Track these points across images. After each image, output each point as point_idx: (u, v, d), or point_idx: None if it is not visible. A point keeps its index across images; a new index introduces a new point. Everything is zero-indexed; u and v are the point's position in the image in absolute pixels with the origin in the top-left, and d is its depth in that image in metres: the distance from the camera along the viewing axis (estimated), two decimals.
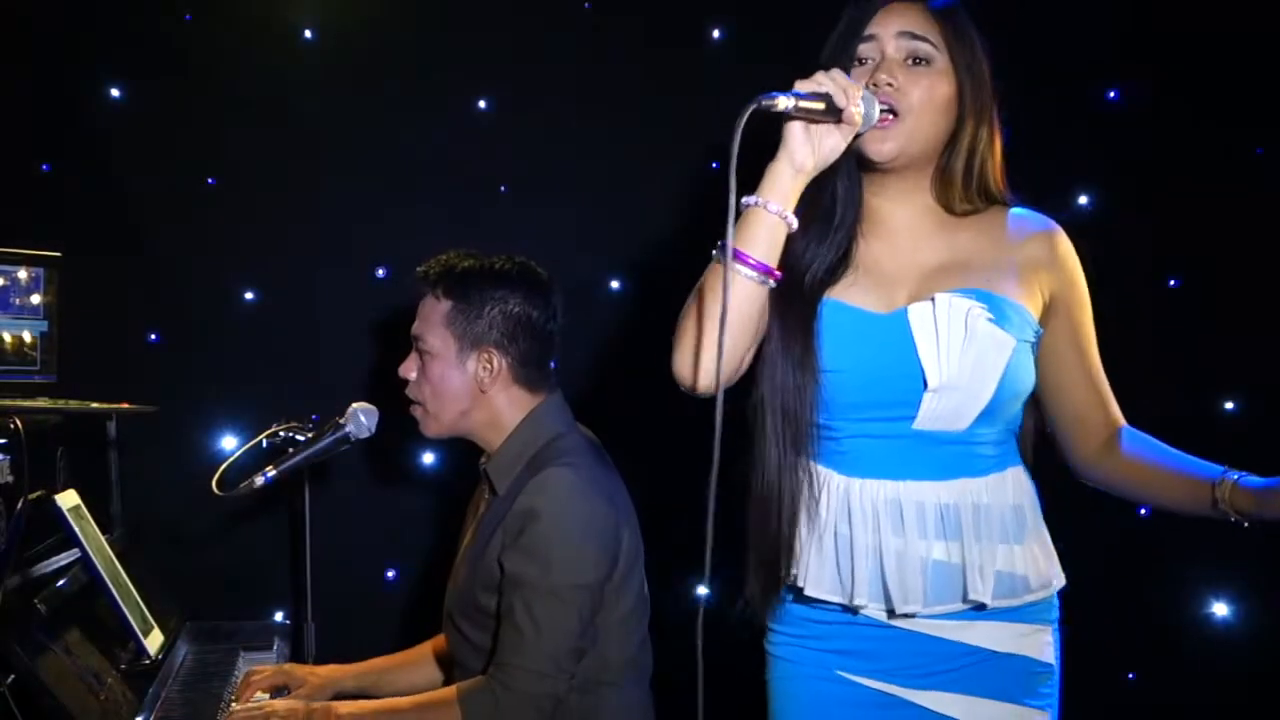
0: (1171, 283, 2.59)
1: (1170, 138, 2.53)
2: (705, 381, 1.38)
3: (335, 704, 1.74)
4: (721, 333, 1.26)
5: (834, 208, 1.46)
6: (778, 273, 1.37)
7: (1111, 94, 2.59)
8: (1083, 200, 2.58)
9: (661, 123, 2.57)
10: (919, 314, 1.40)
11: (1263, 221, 2.52)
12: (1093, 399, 1.49)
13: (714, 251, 1.39)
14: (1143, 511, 2.61)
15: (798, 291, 1.43)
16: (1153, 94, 2.57)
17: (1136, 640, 2.59)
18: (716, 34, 2.62)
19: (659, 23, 2.59)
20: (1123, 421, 1.51)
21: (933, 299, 1.39)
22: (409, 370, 1.88)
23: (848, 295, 1.44)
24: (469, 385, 1.83)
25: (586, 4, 2.59)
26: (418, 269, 1.89)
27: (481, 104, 2.57)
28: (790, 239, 1.38)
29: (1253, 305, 2.53)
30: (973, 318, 1.38)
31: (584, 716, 1.76)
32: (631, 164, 2.58)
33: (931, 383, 1.38)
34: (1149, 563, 2.57)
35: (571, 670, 1.71)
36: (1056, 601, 1.50)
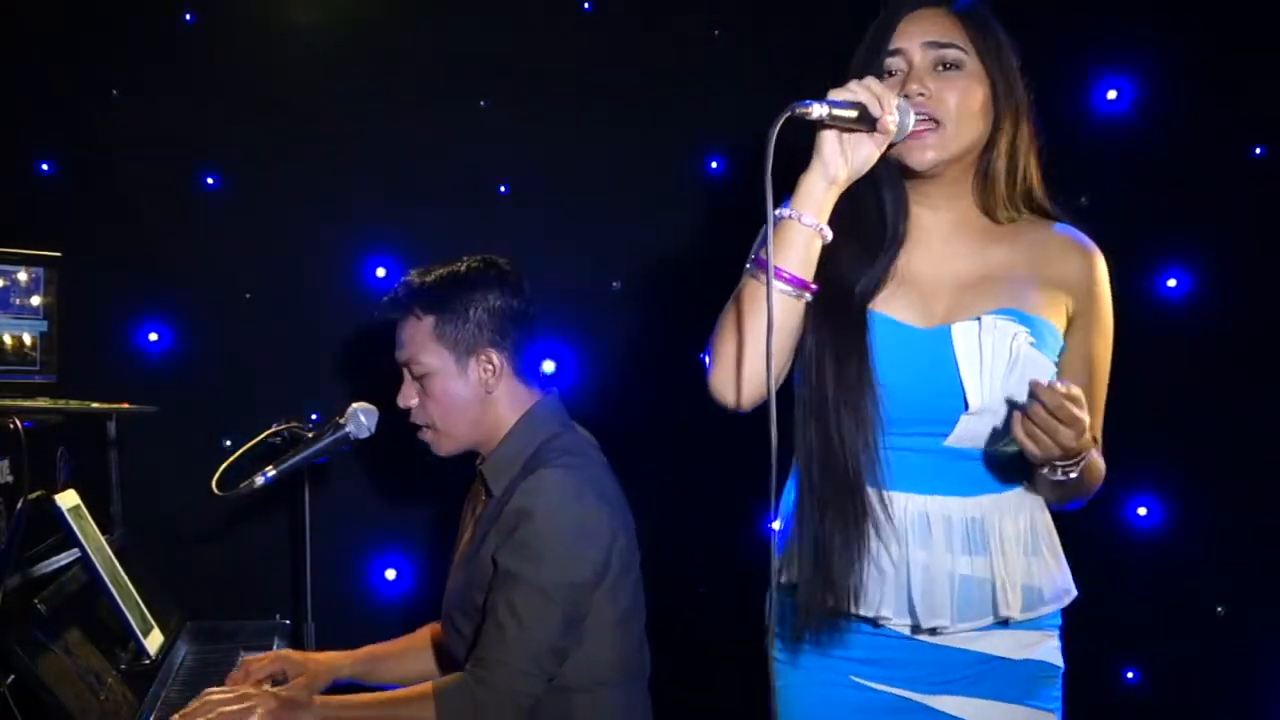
0: (1171, 283, 2.59)
1: (1170, 138, 2.53)
2: (747, 398, 1.37)
3: (292, 698, 1.69)
4: (769, 353, 1.25)
5: (883, 222, 1.44)
6: (814, 286, 1.36)
7: (1111, 94, 2.59)
8: (1083, 200, 2.58)
9: (661, 123, 2.57)
10: (963, 334, 1.38)
11: (1263, 221, 2.52)
12: None
13: (748, 265, 1.37)
14: (1143, 511, 2.61)
15: (847, 308, 1.41)
16: (1152, 94, 2.57)
17: (1137, 640, 2.59)
18: (716, 34, 2.62)
19: (659, 23, 2.59)
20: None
21: (979, 319, 1.38)
22: (408, 399, 1.86)
23: (890, 308, 1.42)
24: (475, 392, 1.83)
25: (587, 5, 2.59)
26: (383, 300, 1.87)
27: (482, 104, 2.57)
28: (836, 253, 1.37)
29: (1253, 305, 2.54)
30: (1018, 343, 1.36)
31: (582, 717, 1.76)
32: (631, 164, 2.57)
33: (973, 405, 1.36)
34: (1149, 562, 2.57)
35: (551, 671, 1.71)
36: (1059, 608, 1.50)
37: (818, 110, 1.27)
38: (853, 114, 1.29)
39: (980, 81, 1.40)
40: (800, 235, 1.34)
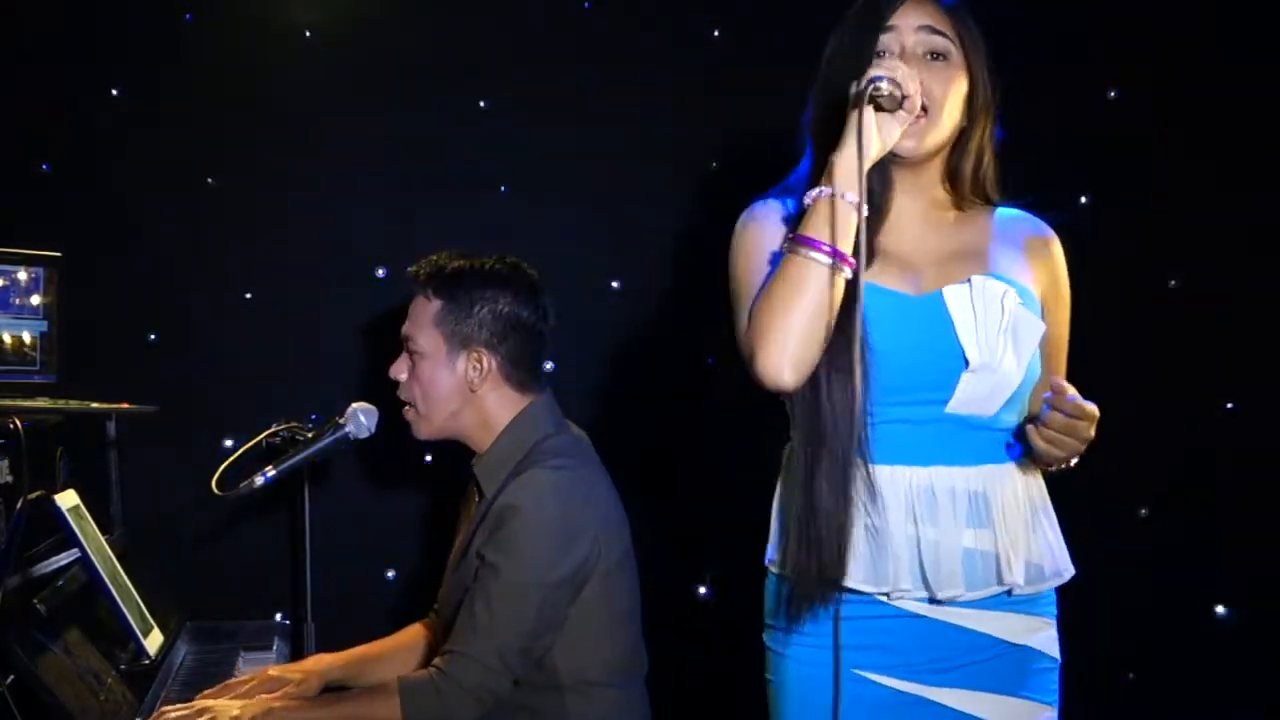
0: (1171, 283, 2.59)
1: (1170, 138, 2.53)
2: (798, 376, 1.37)
3: (275, 703, 1.68)
4: (859, 349, 1.33)
5: (871, 198, 1.45)
6: (852, 260, 1.37)
7: (1111, 94, 2.59)
8: (1083, 200, 2.58)
9: (661, 123, 2.57)
10: (955, 295, 1.42)
11: (1263, 221, 2.52)
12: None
13: (784, 244, 1.40)
14: (1143, 511, 2.61)
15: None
16: (1152, 95, 2.57)
17: (1136, 640, 2.59)
18: (716, 34, 2.62)
19: (659, 23, 2.59)
20: None
21: (969, 281, 1.42)
22: (399, 371, 1.88)
23: (880, 280, 1.45)
24: (459, 385, 1.83)
25: (586, 4, 2.59)
26: (409, 269, 1.89)
27: (481, 104, 2.57)
28: None
29: (1252, 305, 2.53)
30: (1009, 300, 1.40)
31: (577, 717, 1.76)
32: (631, 164, 2.57)
33: (972, 361, 1.39)
34: (1149, 562, 2.57)
35: (519, 672, 1.71)
36: (1054, 596, 1.51)
37: (886, 87, 1.32)
38: (899, 92, 1.33)
39: (963, 75, 1.46)
40: (840, 211, 1.36)
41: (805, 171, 1.50)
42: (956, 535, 1.41)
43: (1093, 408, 1.32)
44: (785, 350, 1.36)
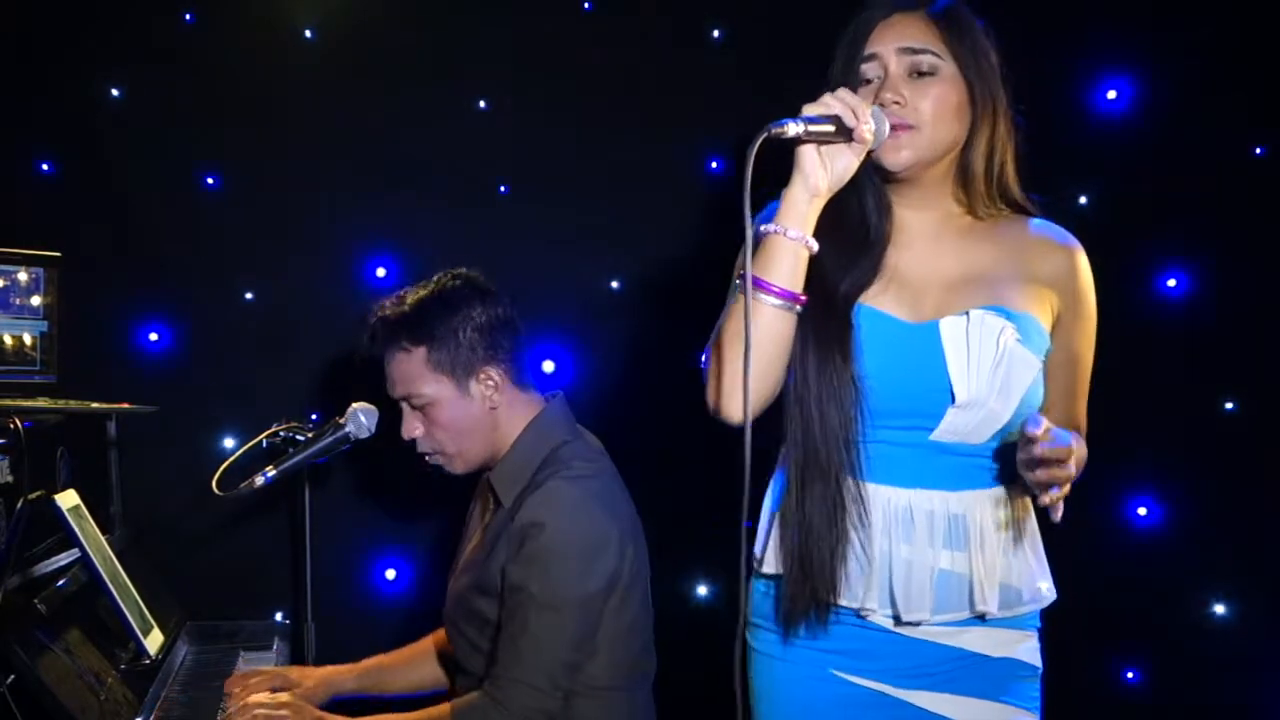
0: (1171, 283, 2.59)
1: (1170, 138, 2.53)
2: (738, 412, 1.38)
3: (329, 716, 1.71)
4: (746, 365, 1.30)
5: (866, 223, 1.47)
6: (802, 297, 1.38)
7: (1111, 94, 2.59)
8: (1083, 200, 2.58)
9: (661, 123, 2.57)
10: (951, 329, 1.40)
11: (1263, 221, 2.52)
12: (1063, 422, 1.47)
13: (735, 281, 1.40)
14: (1143, 511, 2.61)
15: (831, 305, 1.43)
16: (1153, 94, 2.57)
17: (1136, 640, 2.59)
18: (716, 34, 2.62)
19: (659, 23, 2.59)
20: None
21: (966, 314, 1.40)
22: (411, 430, 1.83)
23: (880, 303, 1.45)
24: (482, 410, 1.80)
25: (587, 4, 2.59)
26: (365, 339, 1.83)
27: (481, 104, 2.57)
28: (821, 253, 1.39)
29: (1253, 305, 2.53)
30: (1005, 338, 1.38)
31: None
32: (631, 164, 2.57)
33: (959, 398, 1.38)
34: (1149, 562, 2.57)
35: (566, 686, 1.70)
36: (1037, 611, 1.51)
37: (793, 129, 1.30)
38: (829, 128, 1.32)
39: (956, 85, 1.42)
40: (787, 249, 1.37)
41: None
42: (931, 556, 1.41)
43: (1066, 448, 1.27)
44: (734, 389, 1.38)
